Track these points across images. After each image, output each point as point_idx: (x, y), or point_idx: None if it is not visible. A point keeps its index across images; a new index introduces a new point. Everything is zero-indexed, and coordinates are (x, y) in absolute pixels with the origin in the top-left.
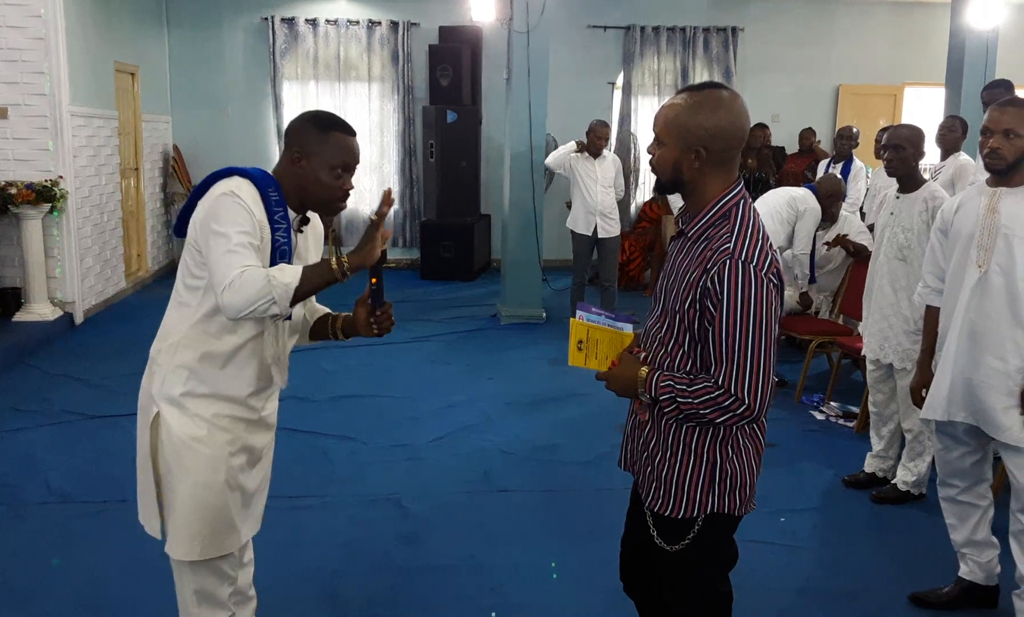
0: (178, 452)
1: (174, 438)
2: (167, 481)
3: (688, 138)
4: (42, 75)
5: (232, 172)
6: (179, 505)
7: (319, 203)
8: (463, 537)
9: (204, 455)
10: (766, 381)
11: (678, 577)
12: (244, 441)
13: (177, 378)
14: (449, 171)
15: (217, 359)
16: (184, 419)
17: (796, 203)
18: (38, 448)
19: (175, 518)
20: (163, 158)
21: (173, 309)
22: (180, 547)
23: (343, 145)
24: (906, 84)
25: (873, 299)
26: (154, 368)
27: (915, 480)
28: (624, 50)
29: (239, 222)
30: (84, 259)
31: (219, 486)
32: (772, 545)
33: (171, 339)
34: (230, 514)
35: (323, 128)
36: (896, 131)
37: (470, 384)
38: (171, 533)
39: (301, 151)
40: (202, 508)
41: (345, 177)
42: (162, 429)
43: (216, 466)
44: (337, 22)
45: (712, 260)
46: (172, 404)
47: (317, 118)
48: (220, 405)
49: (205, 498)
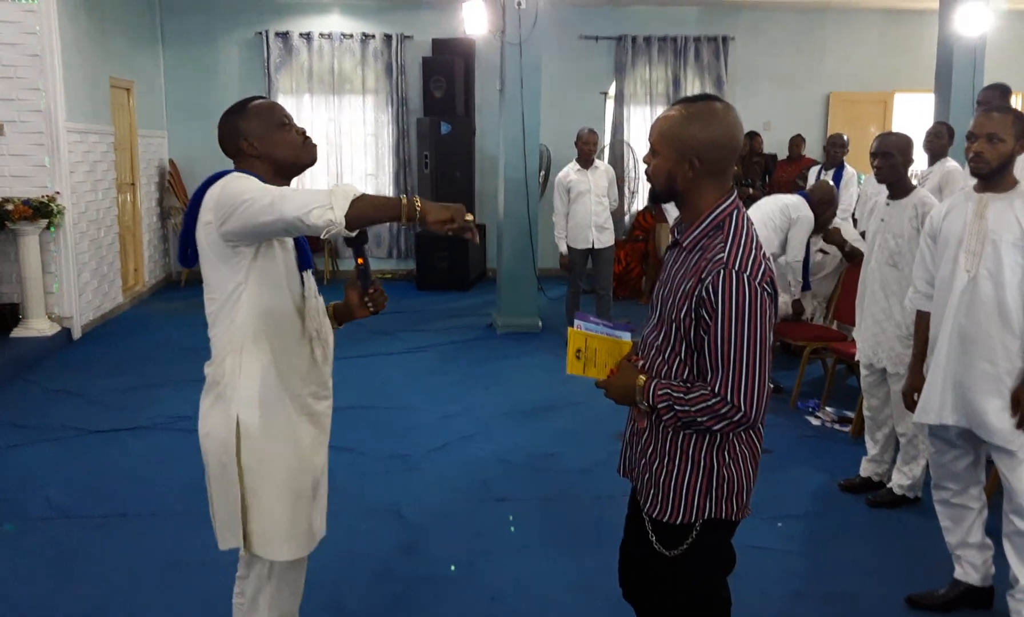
0: (264, 454)
1: (259, 440)
2: (251, 486)
3: (682, 149)
4: (38, 91)
5: (216, 177)
6: (267, 507)
7: (293, 163)
8: (462, 546)
9: (288, 454)
10: (762, 388)
11: (677, 582)
12: (313, 436)
13: (252, 383)
14: (444, 182)
15: (278, 348)
16: (269, 417)
17: (789, 210)
18: (38, 463)
19: (265, 521)
20: (159, 173)
21: (216, 329)
22: (273, 547)
23: (267, 107)
24: (896, 91)
25: (866, 305)
26: (222, 384)
27: (910, 484)
28: (616, 60)
29: (258, 185)
30: (81, 274)
31: (304, 483)
32: (769, 550)
33: (231, 353)
34: (311, 511)
35: (242, 110)
36: (885, 139)
37: (467, 394)
38: (260, 536)
39: (245, 139)
40: (291, 508)
41: (291, 124)
42: (243, 433)
43: (302, 464)
44: (331, 36)
45: (707, 270)
46: (252, 406)
47: (232, 109)
48: (294, 399)
49: (293, 496)
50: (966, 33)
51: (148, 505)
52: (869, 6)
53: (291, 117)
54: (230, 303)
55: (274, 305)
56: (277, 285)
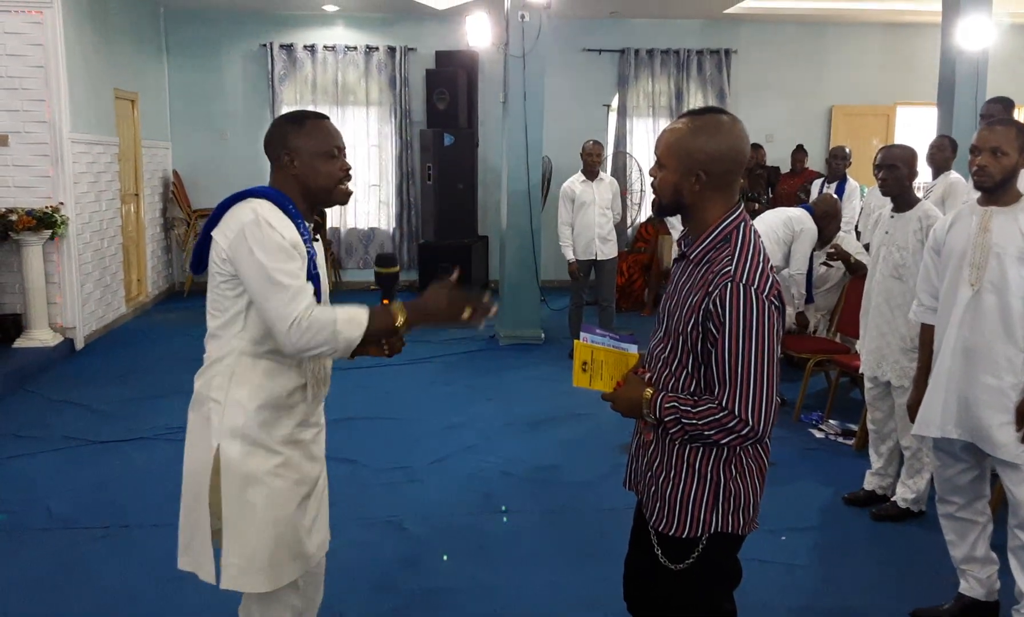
0: (243, 487)
1: (237, 473)
2: (229, 518)
3: (689, 161)
4: (43, 103)
5: (246, 195)
6: (246, 540)
7: (325, 194)
8: (465, 559)
9: (272, 488)
10: (769, 402)
11: (682, 596)
12: (304, 470)
13: (237, 411)
14: (446, 193)
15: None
16: (249, 452)
17: (792, 223)
18: (39, 474)
19: (241, 553)
20: (163, 183)
21: (213, 343)
22: (249, 580)
23: (324, 129)
24: (898, 104)
25: (870, 317)
26: (209, 405)
27: (914, 497)
28: (619, 73)
29: (277, 247)
30: (84, 285)
31: (287, 511)
32: (773, 564)
33: (221, 373)
34: (299, 540)
35: (299, 123)
36: (890, 151)
37: (469, 405)
38: (237, 568)
39: (289, 153)
40: (272, 540)
41: (340, 158)
42: (223, 465)
43: (286, 494)
44: (335, 48)
45: (714, 283)
46: (235, 438)
47: (290, 117)
48: (279, 432)
49: (273, 527)
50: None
51: (149, 516)
52: (871, 20)
53: (344, 150)
54: (230, 326)
55: (272, 341)
56: None
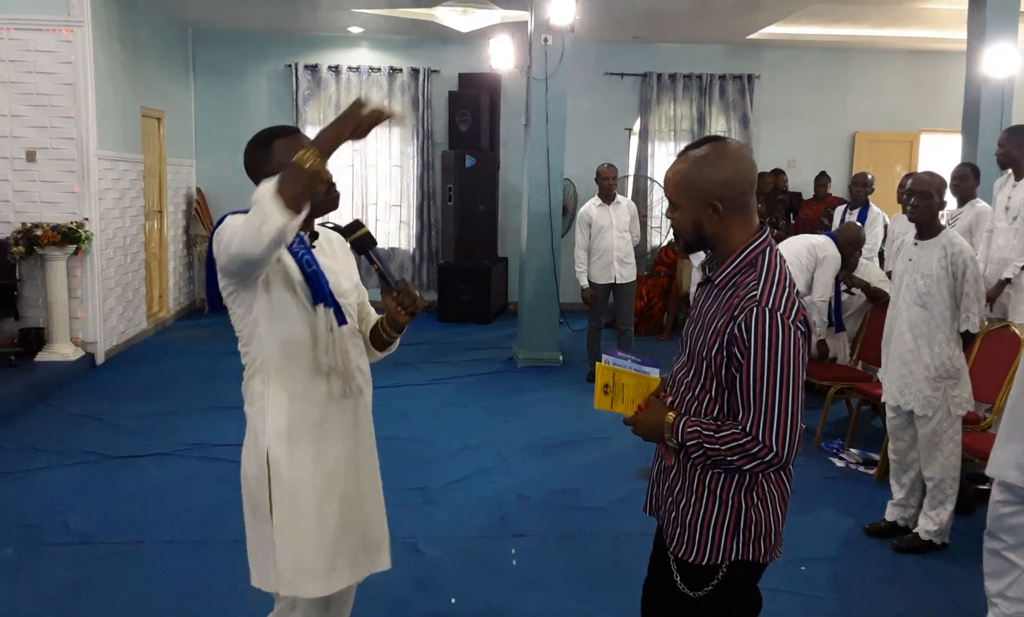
0: (291, 488)
1: (287, 476)
2: (280, 523)
3: (701, 194)
4: (70, 120)
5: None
6: (296, 543)
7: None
8: (480, 582)
9: (315, 486)
10: (794, 428)
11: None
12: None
13: (280, 412)
14: (467, 214)
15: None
16: (293, 452)
17: (816, 250)
18: (58, 488)
19: (292, 559)
20: (186, 201)
21: (246, 347)
22: (298, 584)
23: (290, 147)
24: (922, 131)
25: (892, 346)
26: (253, 411)
27: (937, 530)
28: (641, 97)
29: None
30: (107, 300)
31: (330, 515)
32: (791, 594)
33: (258, 374)
34: (338, 546)
35: (265, 144)
36: (921, 178)
37: (487, 427)
38: (290, 573)
39: (263, 174)
40: (317, 541)
41: None
42: (272, 471)
43: (327, 495)
44: (359, 69)
45: (739, 307)
46: (281, 439)
47: (256, 140)
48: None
49: (319, 530)
50: (994, 74)
51: (166, 533)
52: (895, 47)
53: None
54: (252, 334)
55: (290, 339)
56: (292, 319)
